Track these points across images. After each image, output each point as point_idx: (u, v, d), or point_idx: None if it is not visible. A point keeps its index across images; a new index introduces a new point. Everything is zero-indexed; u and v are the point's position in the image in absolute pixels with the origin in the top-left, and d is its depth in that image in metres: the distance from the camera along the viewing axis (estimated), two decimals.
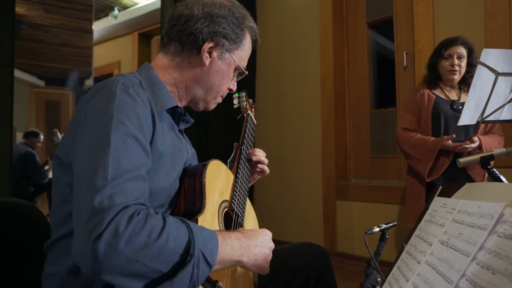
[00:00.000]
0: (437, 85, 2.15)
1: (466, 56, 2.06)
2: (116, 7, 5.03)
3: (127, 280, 0.59)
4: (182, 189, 0.86)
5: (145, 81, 0.87)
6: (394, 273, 0.90)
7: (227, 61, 0.95)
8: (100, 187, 0.61)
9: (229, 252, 0.72)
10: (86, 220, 0.59)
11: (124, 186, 0.63)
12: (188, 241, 0.64)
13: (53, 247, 0.79)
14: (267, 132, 3.65)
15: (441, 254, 0.68)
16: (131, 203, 0.62)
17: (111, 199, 0.60)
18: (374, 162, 3.10)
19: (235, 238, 0.75)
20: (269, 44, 3.66)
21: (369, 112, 3.17)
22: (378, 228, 1.24)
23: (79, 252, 0.58)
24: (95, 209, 0.59)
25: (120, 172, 0.64)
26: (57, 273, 0.76)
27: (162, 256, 0.60)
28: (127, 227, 0.58)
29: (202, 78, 0.93)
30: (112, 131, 0.67)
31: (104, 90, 0.74)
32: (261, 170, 1.15)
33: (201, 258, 0.64)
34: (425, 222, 0.89)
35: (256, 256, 0.78)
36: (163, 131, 0.83)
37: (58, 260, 0.77)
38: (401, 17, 2.97)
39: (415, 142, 2.07)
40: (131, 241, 0.58)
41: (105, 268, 0.57)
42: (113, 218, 0.58)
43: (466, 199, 0.74)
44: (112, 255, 0.56)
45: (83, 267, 0.59)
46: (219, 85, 0.96)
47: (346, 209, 3.07)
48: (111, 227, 0.57)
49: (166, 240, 0.61)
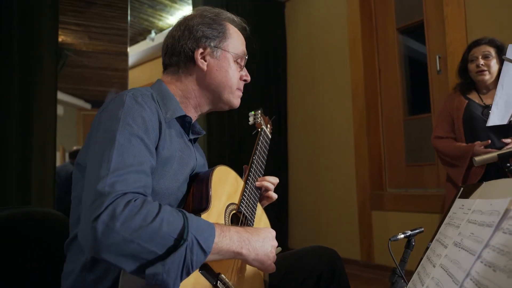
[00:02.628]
0: (472, 90, 2.07)
1: (495, 55, 1.97)
2: (152, 30, 5.28)
3: (123, 259, 0.63)
4: (190, 193, 0.90)
5: (157, 93, 0.93)
6: (414, 279, 0.87)
7: (222, 56, 0.99)
8: (103, 176, 0.67)
9: (227, 243, 0.74)
10: (89, 205, 0.65)
11: (126, 177, 0.69)
12: (182, 226, 0.67)
13: (70, 246, 0.85)
14: (300, 142, 3.63)
15: (453, 255, 0.66)
16: (130, 191, 0.68)
17: (112, 186, 0.66)
18: (410, 170, 2.99)
19: (235, 231, 0.78)
20: (299, 54, 3.69)
21: (403, 119, 3.07)
22: (403, 235, 1.20)
23: (82, 232, 0.65)
24: (97, 194, 0.65)
25: (123, 165, 0.70)
26: (73, 270, 0.82)
27: (156, 239, 0.64)
28: (124, 210, 0.63)
29: (207, 81, 0.98)
30: (118, 131, 0.74)
31: (116, 100, 0.82)
32: (268, 197, 1.14)
33: (195, 244, 0.67)
34: (445, 225, 0.85)
35: (257, 250, 0.79)
36: (170, 137, 0.88)
37: (74, 259, 0.83)
38: (432, 20, 2.88)
39: (448, 149, 2.03)
40: (127, 222, 0.63)
41: (103, 246, 0.61)
42: (112, 202, 0.64)
43: (483, 198, 0.70)
44: (109, 234, 0.61)
45: (85, 247, 0.64)
46: (226, 79, 0.99)
47: (382, 219, 2.97)
48: (109, 209, 0.63)
49: (160, 223, 0.65)
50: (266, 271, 0.85)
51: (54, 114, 2.35)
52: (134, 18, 4.89)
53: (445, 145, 2.05)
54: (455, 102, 2.06)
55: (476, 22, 2.51)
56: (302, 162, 3.63)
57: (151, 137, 0.80)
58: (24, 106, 2.21)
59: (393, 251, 1.21)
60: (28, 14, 2.24)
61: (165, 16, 4.95)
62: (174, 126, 0.93)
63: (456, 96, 2.08)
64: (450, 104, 2.09)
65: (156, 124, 0.83)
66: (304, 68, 3.65)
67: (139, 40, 5.62)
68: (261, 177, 1.09)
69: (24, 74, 2.21)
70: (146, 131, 0.78)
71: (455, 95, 2.09)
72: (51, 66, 2.35)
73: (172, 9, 4.77)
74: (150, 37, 5.36)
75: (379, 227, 2.98)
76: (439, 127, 2.12)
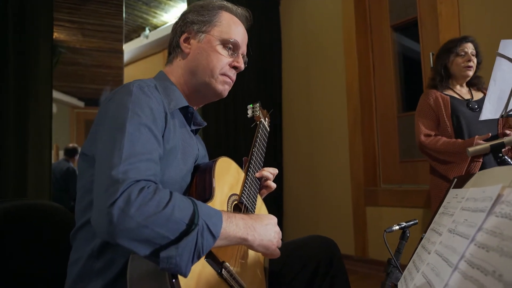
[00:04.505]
0: (448, 86, 2.10)
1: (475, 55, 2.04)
2: (147, 27, 5.27)
3: (137, 244, 0.65)
4: (194, 183, 0.92)
5: (160, 85, 0.95)
6: (409, 267, 0.89)
7: (206, 39, 0.99)
8: (116, 164, 0.69)
9: (234, 229, 0.76)
10: (104, 191, 0.67)
11: (138, 165, 0.71)
12: (192, 212, 0.69)
13: (76, 236, 0.86)
14: (295, 139, 3.66)
15: (447, 241, 0.68)
16: (143, 178, 0.70)
17: (125, 174, 0.68)
18: (403, 167, 3.03)
19: (240, 218, 0.80)
20: (294, 51, 3.70)
21: (397, 116, 3.11)
22: (398, 226, 1.23)
23: (97, 217, 0.67)
24: (111, 181, 0.67)
25: (134, 153, 0.72)
26: (79, 259, 0.83)
27: (169, 224, 0.66)
28: (138, 196, 0.66)
29: (190, 64, 1.00)
30: (128, 121, 0.76)
31: (122, 90, 0.84)
32: (267, 186, 1.16)
33: (205, 228, 0.69)
34: (439, 215, 0.88)
35: (261, 236, 0.82)
36: (174, 127, 0.90)
37: (81, 247, 0.84)
38: (426, 18, 2.92)
39: (443, 147, 1.98)
40: (141, 208, 0.65)
41: (118, 231, 0.64)
42: (126, 189, 0.66)
43: (476, 187, 0.73)
44: (124, 219, 0.64)
45: (100, 231, 0.66)
46: (207, 62, 0.98)
47: (376, 215, 3.00)
48: (124, 196, 0.65)
49: (172, 209, 0.67)
50: (271, 256, 0.87)
51: (49, 110, 2.34)
52: (128, 15, 4.88)
53: (438, 142, 2.01)
54: (437, 99, 2.05)
55: (469, 20, 2.54)
56: (297, 158, 3.66)
57: (158, 127, 0.82)
58: (20, 102, 2.20)
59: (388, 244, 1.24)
60: (23, 11, 2.23)
61: (160, 14, 4.94)
62: (177, 117, 0.95)
63: (433, 93, 2.08)
64: (433, 102, 2.07)
65: (162, 114, 0.85)
66: (299, 65, 3.67)
67: (133, 38, 5.61)
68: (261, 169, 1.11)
69: (19, 71, 2.20)
70: (154, 121, 0.80)
71: (432, 92, 2.09)
72: (47, 62, 2.34)
73: (166, 6, 4.77)
74: (144, 34, 5.35)
75: (373, 223, 3.02)
76: (424, 125, 2.09)
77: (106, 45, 5.16)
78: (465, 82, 2.11)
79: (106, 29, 4.82)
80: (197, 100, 1.05)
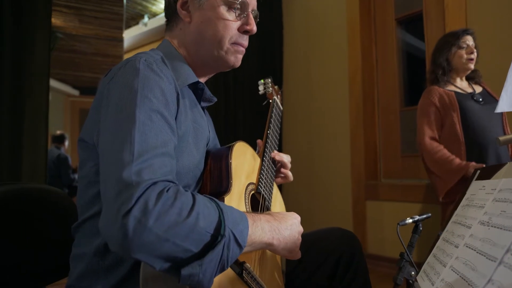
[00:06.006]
0: (449, 81, 2.06)
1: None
2: (146, 14, 5.18)
3: (155, 259, 0.57)
4: (207, 170, 0.84)
5: (166, 56, 0.84)
6: (430, 261, 0.86)
7: (208, 4, 0.85)
8: (128, 162, 0.59)
9: (260, 234, 0.69)
10: (114, 196, 0.57)
11: (152, 162, 0.61)
12: (218, 220, 0.61)
13: (80, 229, 0.80)
14: (295, 130, 3.61)
15: (481, 234, 0.64)
16: (160, 179, 0.60)
17: (139, 175, 0.58)
18: (405, 161, 3.00)
19: (265, 220, 0.73)
20: (297, 43, 3.65)
21: (399, 110, 3.08)
22: (411, 220, 1.19)
23: (108, 228, 0.57)
24: (123, 184, 0.57)
25: (147, 148, 0.62)
26: (84, 254, 0.76)
27: (193, 236, 0.58)
28: (157, 203, 0.56)
29: (194, 36, 0.87)
30: (137, 107, 0.65)
31: (127, 67, 0.72)
32: (285, 176, 1.09)
33: (232, 239, 0.62)
34: (463, 207, 0.84)
35: (286, 239, 0.75)
36: (185, 109, 0.81)
37: (86, 242, 0.77)
38: (431, 11, 2.87)
39: (439, 160, 1.94)
40: (161, 218, 0.55)
41: (135, 246, 0.54)
42: (142, 194, 0.56)
43: (509, 177, 0.69)
44: (142, 232, 0.54)
45: (112, 245, 0.57)
46: (214, 33, 0.85)
47: (376, 209, 2.98)
48: (140, 203, 0.55)
49: (196, 218, 0.59)
50: (292, 258, 0.81)
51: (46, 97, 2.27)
52: (127, 2, 4.77)
53: (437, 152, 1.96)
54: (442, 97, 2.00)
55: (476, 14, 2.51)
56: (297, 150, 3.62)
57: (171, 111, 0.72)
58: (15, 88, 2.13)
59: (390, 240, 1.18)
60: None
61: (159, 0, 4.85)
62: (187, 94, 0.85)
63: (436, 90, 2.03)
64: (434, 100, 2.01)
65: (174, 95, 0.75)
66: (301, 56, 3.61)
67: (132, 25, 5.51)
68: (275, 152, 1.05)
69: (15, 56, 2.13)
70: (167, 105, 0.71)
71: (434, 89, 2.04)
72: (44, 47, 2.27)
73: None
74: (143, 22, 5.26)
75: (373, 217, 3.00)
76: (429, 126, 2.03)
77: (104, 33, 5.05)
78: (465, 75, 2.08)
79: (105, 15, 4.72)
80: (206, 72, 0.94)
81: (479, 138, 1.92)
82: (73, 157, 5.10)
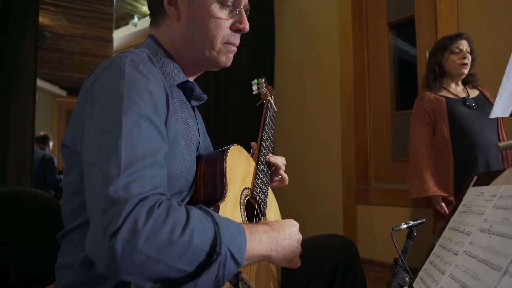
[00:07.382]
0: (442, 86, 2.06)
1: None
2: (135, 15, 5.12)
3: (146, 280, 0.53)
4: (201, 176, 0.80)
5: (152, 54, 0.78)
6: (426, 268, 0.84)
7: (198, 2, 0.79)
8: (114, 176, 0.54)
9: (258, 247, 0.66)
10: (101, 214, 0.52)
11: (141, 174, 0.56)
12: (214, 236, 0.57)
13: (66, 238, 0.75)
14: (286, 134, 3.60)
15: (482, 242, 0.62)
16: (150, 193, 0.56)
17: (127, 190, 0.54)
18: (396, 165, 3.01)
19: (263, 231, 0.69)
20: (288, 45, 3.64)
21: (391, 114, 3.08)
22: (406, 225, 1.17)
23: (95, 249, 0.53)
24: (110, 201, 0.53)
25: (135, 158, 0.57)
26: (70, 264, 0.72)
27: (187, 254, 0.54)
28: (147, 221, 0.52)
29: (183, 34, 0.81)
30: (123, 113, 0.60)
31: (112, 68, 0.67)
32: (281, 179, 1.07)
33: (228, 256, 0.58)
34: (460, 214, 0.82)
35: (285, 250, 0.72)
36: (175, 110, 0.76)
37: (72, 252, 0.73)
38: (423, 16, 2.89)
39: (417, 172, 1.99)
40: (151, 237, 0.51)
41: (123, 268, 0.51)
42: (131, 211, 0.52)
43: (509, 184, 0.67)
44: (130, 253, 0.50)
45: (100, 266, 0.53)
46: (205, 32, 0.80)
47: (367, 213, 2.98)
48: (128, 222, 0.51)
49: (191, 236, 0.54)
50: (291, 267, 0.77)
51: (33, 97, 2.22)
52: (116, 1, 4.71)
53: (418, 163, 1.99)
54: (431, 101, 2.01)
55: (468, 19, 2.53)
56: (288, 154, 3.58)
57: (161, 116, 0.67)
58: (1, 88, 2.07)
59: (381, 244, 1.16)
60: None
61: None
62: (176, 94, 0.80)
63: (427, 95, 2.04)
64: (424, 106, 2.03)
65: (163, 97, 0.70)
66: (292, 60, 3.60)
67: (121, 25, 5.44)
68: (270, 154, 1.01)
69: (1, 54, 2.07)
70: (156, 109, 0.65)
71: (425, 95, 2.05)
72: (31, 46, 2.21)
73: None
74: (133, 22, 5.20)
75: (363, 221, 2.99)
76: (420, 132, 2.04)
77: (92, 32, 4.95)
78: (460, 80, 2.08)
79: (93, 15, 4.63)
80: (195, 71, 0.89)
81: (468, 143, 1.92)
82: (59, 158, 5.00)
